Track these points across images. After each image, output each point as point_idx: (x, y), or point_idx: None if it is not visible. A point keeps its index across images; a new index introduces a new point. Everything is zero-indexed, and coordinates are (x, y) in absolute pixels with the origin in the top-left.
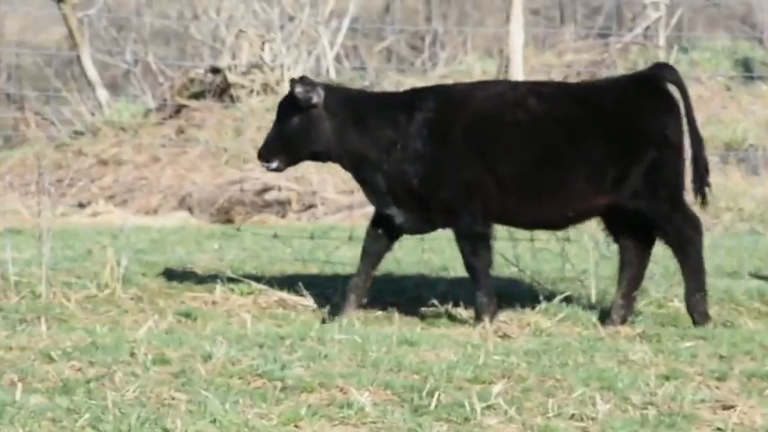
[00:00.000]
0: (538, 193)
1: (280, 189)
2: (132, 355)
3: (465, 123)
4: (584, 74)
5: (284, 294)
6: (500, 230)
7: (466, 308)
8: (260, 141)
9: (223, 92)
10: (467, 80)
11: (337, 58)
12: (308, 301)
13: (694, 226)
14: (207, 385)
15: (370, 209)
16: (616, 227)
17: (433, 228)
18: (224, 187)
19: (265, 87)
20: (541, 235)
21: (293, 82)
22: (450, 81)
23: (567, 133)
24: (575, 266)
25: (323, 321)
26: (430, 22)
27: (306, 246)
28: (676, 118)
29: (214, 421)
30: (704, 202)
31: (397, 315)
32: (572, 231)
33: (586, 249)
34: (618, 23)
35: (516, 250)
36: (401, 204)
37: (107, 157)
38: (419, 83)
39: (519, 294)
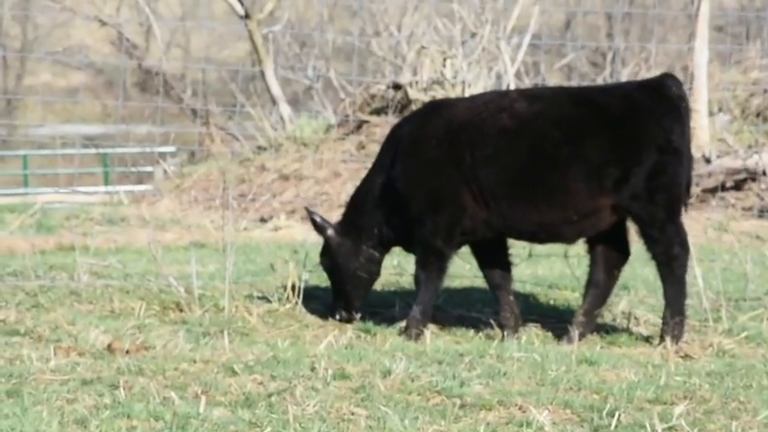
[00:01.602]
0: (535, 197)
1: None
2: (313, 369)
3: (440, 134)
4: None
5: (463, 311)
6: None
7: (646, 327)
8: None
9: (404, 108)
10: None
11: (518, 75)
12: (487, 318)
13: (683, 244)
14: (386, 401)
15: None
16: (594, 241)
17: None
18: None
19: None
20: (724, 255)
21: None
22: None
23: (562, 133)
24: (758, 287)
25: (502, 339)
26: (611, 39)
27: None
28: (681, 126)
29: None
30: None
31: (574, 333)
32: (756, 251)
33: None
34: None
35: (699, 270)
36: (399, 232)
37: (289, 172)
38: None
39: (701, 314)
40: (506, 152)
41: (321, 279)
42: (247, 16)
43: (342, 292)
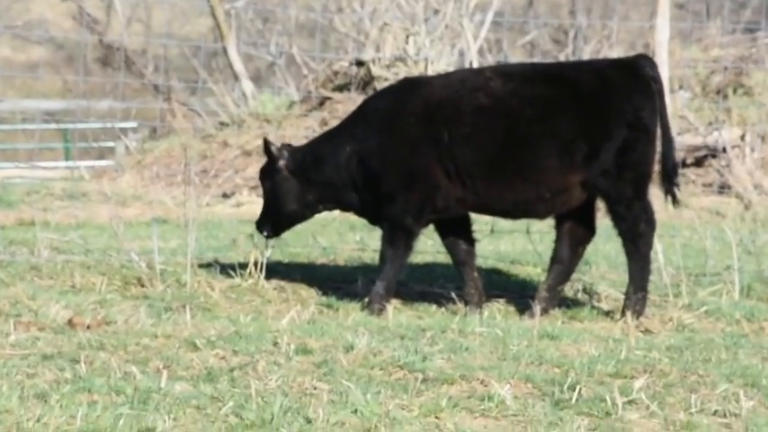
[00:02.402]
0: (509, 175)
1: None
2: (275, 344)
3: (418, 112)
4: (732, 69)
5: (425, 287)
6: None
7: (607, 302)
8: None
9: (367, 84)
10: None
11: (480, 52)
12: (449, 293)
13: (649, 221)
14: (348, 375)
15: None
16: (561, 218)
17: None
18: None
19: None
20: (685, 231)
21: (267, 150)
22: None
23: (535, 111)
24: (717, 262)
25: (464, 314)
26: (574, 16)
27: None
28: (651, 104)
29: (355, 411)
30: (675, 202)
31: (536, 309)
32: (715, 227)
33: (730, 245)
34: (766, 17)
35: (660, 245)
36: (367, 206)
37: (251, 148)
38: None
39: (662, 289)
40: (483, 131)
41: (284, 255)
42: None
43: (272, 216)
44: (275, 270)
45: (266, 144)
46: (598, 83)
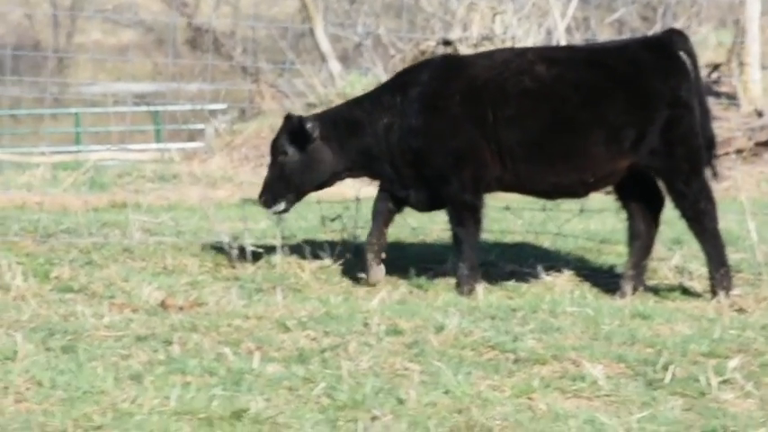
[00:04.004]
0: (555, 160)
1: None
2: (366, 325)
3: (463, 91)
4: None
5: (515, 266)
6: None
7: (699, 281)
8: None
9: None
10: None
11: (568, 30)
12: (540, 273)
13: (709, 198)
14: (439, 356)
15: None
16: (625, 194)
17: (443, 203)
18: None
19: None
20: None
21: (290, 122)
22: None
23: (581, 97)
24: None
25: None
26: None
27: (537, 218)
28: (687, 81)
29: (447, 392)
30: (715, 174)
31: (626, 288)
32: None
33: None
34: None
35: (753, 224)
36: (410, 185)
37: None
38: None
39: (755, 268)
40: (528, 114)
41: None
42: None
43: (290, 189)
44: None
45: (289, 117)
46: (633, 66)
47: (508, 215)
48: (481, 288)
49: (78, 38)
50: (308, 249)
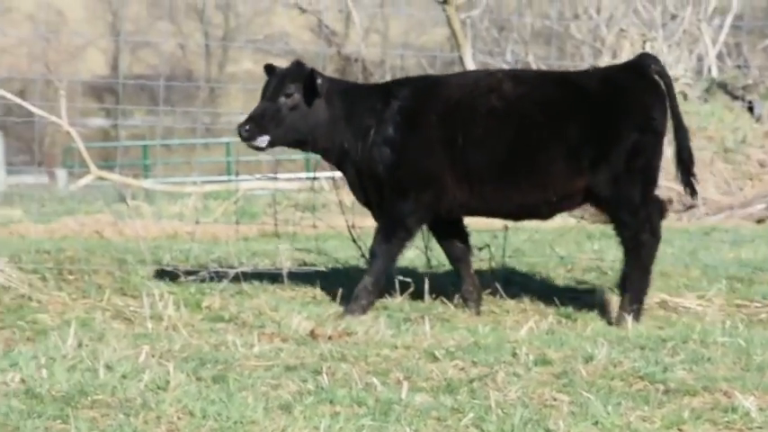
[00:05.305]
0: (520, 179)
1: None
2: (514, 355)
3: (442, 112)
4: None
5: (665, 296)
6: None
7: None
8: None
9: None
10: None
11: (719, 57)
12: (690, 302)
13: (653, 231)
14: (588, 387)
15: (753, 209)
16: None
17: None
18: None
19: None
20: None
21: (300, 69)
22: None
23: (547, 117)
24: None
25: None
26: None
27: (687, 247)
28: (661, 105)
29: (596, 423)
30: (693, 193)
31: None
32: None
33: None
34: None
35: None
36: (371, 195)
37: None
38: None
39: None
40: (494, 134)
41: (521, 264)
42: (446, 1)
43: (274, 126)
44: (513, 280)
45: (301, 64)
46: (607, 88)
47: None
48: (629, 318)
49: (230, 67)
50: (456, 278)
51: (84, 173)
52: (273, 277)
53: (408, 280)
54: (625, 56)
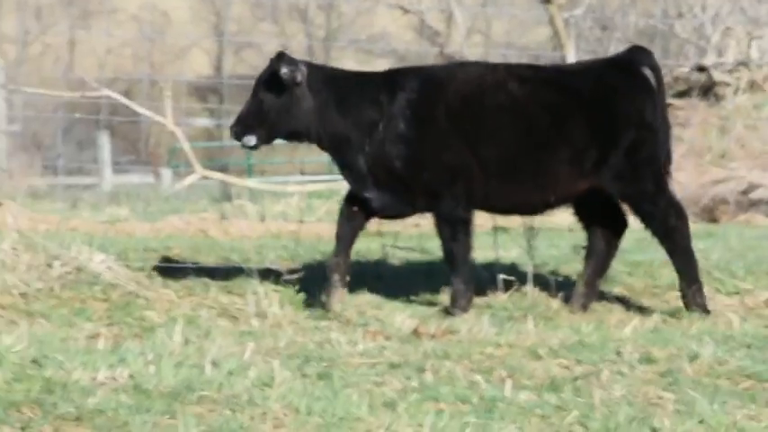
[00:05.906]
0: (522, 178)
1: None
2: (618, 353)
3: (452, 105)
4: None
5: None
6: None
7: None
8: (748, 140)
9: (708, 90)
10: None
11: None
12: None
13: (679, 213)
14: (694, 385)
15: None
16: (585, 213)
17: (413, 211)
18: (707, 186)
19: (752, 85)
20: None
21: (276, 60)
22: None
23: (547, 116)
24: None
25: None
26: None
27: None
28: (653, 100)
29: (701, 422)
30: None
31: None
32: None
33: None
34: None
35: None
36: (381, 187)
37: None
38: None
39: None
40: (501, 130)
41: (624, 264)
42: (548, 1)
43: (259, 123)
44: (617, 279)
45: (282, 55)
46: (599, 87)
47: (764, 242)
48: (736, 317)
49: None
50: (559, 277)
51: (189, 172)
52: (377, 275)
53: (512, 278)
54: (731, 54)
